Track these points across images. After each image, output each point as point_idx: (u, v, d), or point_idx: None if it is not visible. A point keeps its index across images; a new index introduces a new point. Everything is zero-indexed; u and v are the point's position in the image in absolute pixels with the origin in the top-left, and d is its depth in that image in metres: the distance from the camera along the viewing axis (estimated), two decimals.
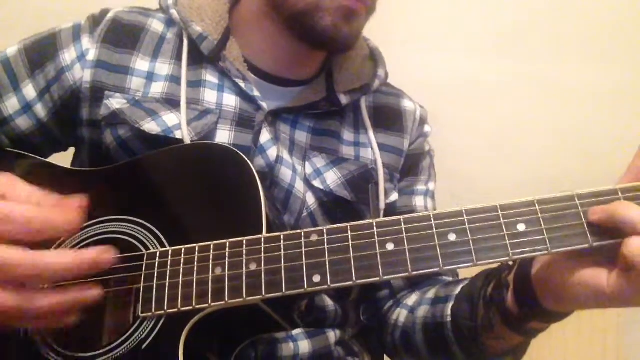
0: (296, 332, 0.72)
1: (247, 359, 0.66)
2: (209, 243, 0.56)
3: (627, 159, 0.50)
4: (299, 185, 0.73)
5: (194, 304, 0.54)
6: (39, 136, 0.74)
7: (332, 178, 0.75)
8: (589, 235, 0.48)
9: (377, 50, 0.85)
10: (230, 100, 0.73)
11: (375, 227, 0.53)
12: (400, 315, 0.77)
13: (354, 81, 0.79)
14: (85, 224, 0.61)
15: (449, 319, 0.68)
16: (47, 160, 0.71)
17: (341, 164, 0.76)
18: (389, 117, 0.83)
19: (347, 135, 0.79)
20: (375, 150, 0.79)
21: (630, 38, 1.29)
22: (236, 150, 0.62)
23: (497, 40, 1.30)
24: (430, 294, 0.74)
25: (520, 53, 1.30)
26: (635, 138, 1.29)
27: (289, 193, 0.72)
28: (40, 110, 0.73)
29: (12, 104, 0.73)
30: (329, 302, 0.75)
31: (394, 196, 0.80)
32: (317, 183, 0.74)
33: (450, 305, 0.69)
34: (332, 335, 0.75)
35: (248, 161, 0.61)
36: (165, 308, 0.54)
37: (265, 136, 0.72)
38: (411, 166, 0.84)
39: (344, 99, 0.77)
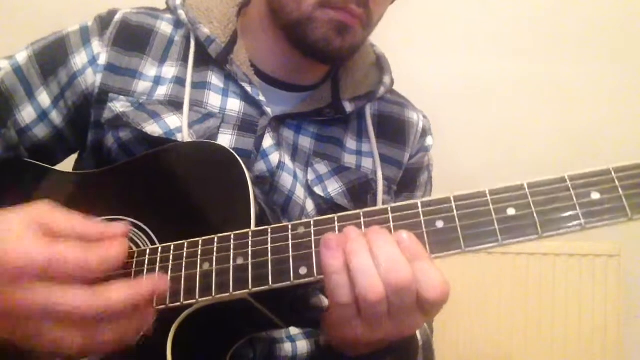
0: (294, 332, 0.71)
1: (245, 358, 0.66)
2: (197, 239, 0.55)
3: (627, 159, 0.49)
4: (299, 192, 0.72)
5: (182, 299, 0.53)
6: (54, 142, 0.75)
7: (334, 186, 0.74)
8: (581, 217, 0.46)
9: (384, 57, 0.84)
10: (235, 105, 0.73)
11: (362, 217, 0.52)
12: None
13: (360, 88, 0.78)
14: None
15: None
16: (34, 162, 0.71)
17: (343, 172, 0.75)
18: (392, 128, 0.82)
19: (350, 143, 0.78)
20: (377, 162, 0.78)
21: (630, 38, 1.28)
22: (225, 147, 0.62)
23: (497, 40, 1.30)
24: None
25: (521, 53, 1.29)
26: (636, 138, 1.27)
27: (288, 199, 0.71)
28: (55, 117, 0.73)
29: (28, 114, 0.72)
30: (326, 302, 0.74)
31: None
32: (318, 190, 0.73)
33: None
34: None
35: (238, 158, 0.60)
36: (154, 305, 0.54)
37: (268, 141, 0.72)
38: (409, 181, 0.82)
39: (348, 107, 0.76)
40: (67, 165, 0.79)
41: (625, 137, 1.25)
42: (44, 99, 0.73)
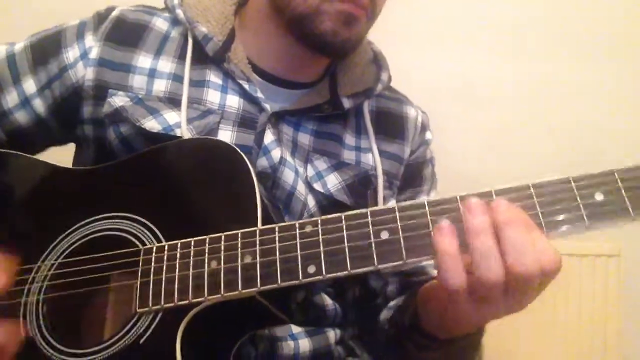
0: (296, 330, 0.71)
1: (247, 357, 0.66)
2: (204, 237, 0.56)
3: (627, 159, 0.49)
4: (301, 188, 0.72)
5: (190, 298, 0.53)
6: (36, 131, 0.75)
7: (333, 182, 0.74)
8: (585, 218, 0.48)
9: (381, 54, 0.85)
10: (234, 102, 0.73)
11: (369, 217, 0.52)
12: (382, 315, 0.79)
13: (358, 84, 0.79)
14: (82, 223, 0.62)
15: (386, 326, 0.74)
16: (38, 158, 0.71)
17: (342, 168, 0.76)
18: (390, 124, 0.82)
19: (349, 139, 0.79)
20: (376, 157, 0.78)
21: (629, 37, 1.28)
22: (229, 143, 0.62)
23: (497, 39, 1.29)
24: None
25: (521, 53, 1.29)
26: (636, 137, 1.27)
27: (290, 195, 0.71)
28: (39, 105, 0.74)
29: (11, 98, 0.74)
30: (328, 302, 0.74)
31: (392, 203, 0.79)
32: (317, 186, 0.74)
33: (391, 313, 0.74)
34: (332, 334, 0.74)
35: (242, 154, 0.61)
36: (162, 303, 0.54)
37: (269, 137, 0.72)
38: (413, 176, 0.83)
39: (347, 103, 0.77)
40: (67, 161, 0.79)
41: (625, 136, 1.25)
42: (29, 86, 0.74)
